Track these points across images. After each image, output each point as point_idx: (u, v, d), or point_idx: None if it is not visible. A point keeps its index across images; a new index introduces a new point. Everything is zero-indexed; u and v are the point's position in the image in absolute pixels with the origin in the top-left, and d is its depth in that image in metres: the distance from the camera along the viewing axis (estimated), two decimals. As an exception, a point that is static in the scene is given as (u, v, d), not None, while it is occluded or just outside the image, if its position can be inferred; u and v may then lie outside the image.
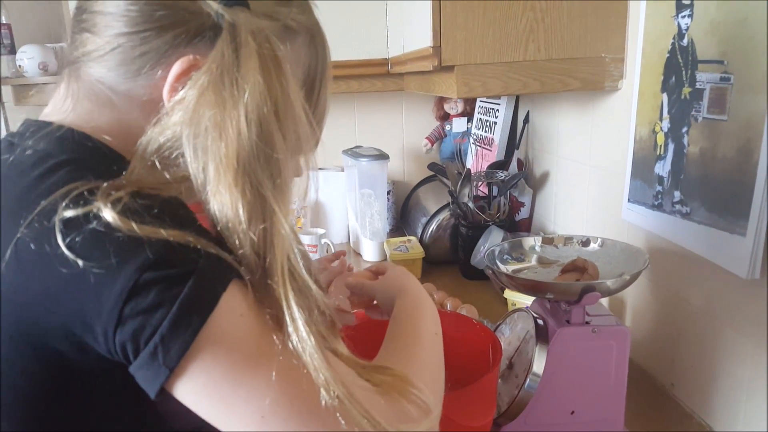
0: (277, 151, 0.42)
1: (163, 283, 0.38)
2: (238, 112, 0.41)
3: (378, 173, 1.63)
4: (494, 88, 1.00)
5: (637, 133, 0.96)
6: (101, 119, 0.47)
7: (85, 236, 0.38)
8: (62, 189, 0.40)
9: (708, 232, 0.78)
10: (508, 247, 0.89)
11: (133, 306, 0.37)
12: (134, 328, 0.38)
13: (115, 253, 0.37)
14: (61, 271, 0.38)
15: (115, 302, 0.37)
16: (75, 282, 0.38)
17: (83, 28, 0.46)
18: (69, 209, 0.39)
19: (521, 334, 0.83)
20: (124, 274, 0.37)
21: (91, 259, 0.37)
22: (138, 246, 0.38)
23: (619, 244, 0.86)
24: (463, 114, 1.80)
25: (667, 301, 0.94)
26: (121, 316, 0.37)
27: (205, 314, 0.38)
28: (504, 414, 0.78)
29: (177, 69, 0.44)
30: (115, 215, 0.38)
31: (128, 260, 0.37)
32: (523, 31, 0.98)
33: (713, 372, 0.83)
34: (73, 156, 0.44)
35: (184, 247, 0.39)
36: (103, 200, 0.39)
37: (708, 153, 0.78)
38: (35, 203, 0.40)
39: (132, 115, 0.46)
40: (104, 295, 0.37)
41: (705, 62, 0.78)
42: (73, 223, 0.38)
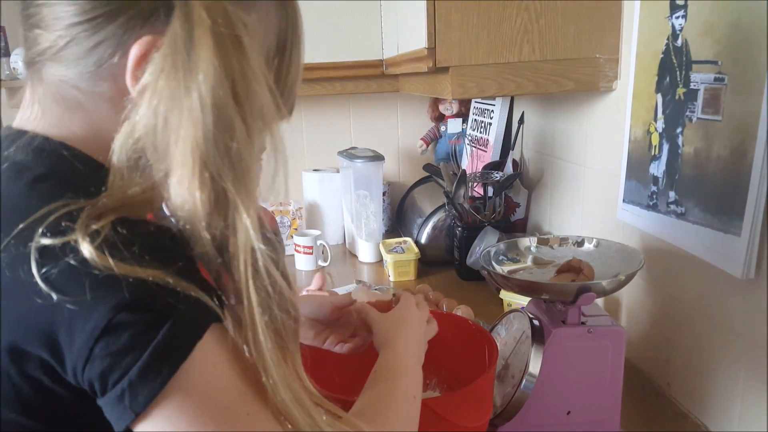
0: (237, 137, 0.39)
1: (137, 326, 0.36)
2: (191, 97, 0.38)
3: (373, 174, 1.62)
4: (489, 89, 1.01)
5: (631, 133, 0.96)
6: (73, 124, 0.44)
7: (61, 269, 0.36)
8: (40, 211, 0.38)
9: (703, 232, 0.78)
10: (503, 247, 0.89)
11: (104, 346, 0.36)
12: (103, 368, 0.36)
13: (90, 289, 0.36)
14: (35, 301, 0.36)
15: (86, 340, 0.36)
16: (48, 313, 0.36)
17: (32, 24, 0.43)
18: (46, 237, 0.37)
19: (517, 334, 0.82)
20: (98, 313, 0.36)
21: (66, 293, 0.36)
22: (115, 284, 0.36)
23: (615, 244, 0.86)
24: (458, 115, 1.80)
25: (662, 301, 0.95)
26: (91, 354, 0.36)
27: (176, 364, 0.37)
28: (500, 414, 0.78)
29: (135, 53, 0.40)
30: (93, 250, 0.36)
31: (103, 298, 0.36)
32: (517, 32, 0.98)
33: (709, 372, 0.83)
34: (50, 169, 0.42)
35: (162, 289, 0.37)
36: (81, 232, 0.37)
37: (702, 153, 0.78)
38: (12, 224, 0.38)
39: (102, 114, 0.43)
40: (76, 331, 0.36)
41: (699, 63, 0.78)
42: (49, 253, 0.37)
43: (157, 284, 0.37)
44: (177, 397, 0.37)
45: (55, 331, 0.37)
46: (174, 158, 0.39)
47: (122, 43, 0.41)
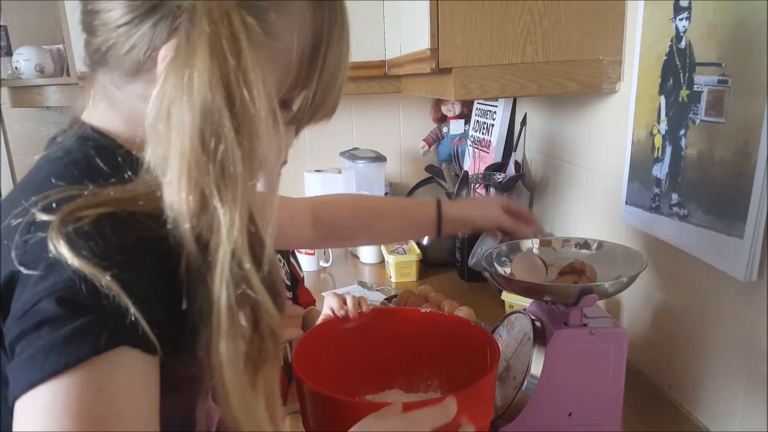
0: (225, 142, 0.39)
1: (52, 315, 0.37)
2: (183, 100, 0.39)
3: (375, 175, 1.63)
4: (492, 90, 1.00)
5: (634, 135, 0.96)
6: (115, 119, 0.47)
7: (30, 242, 0.39)
8: (44, 192, 0.40)
9: (706, 235, 0.78)
10: (505, 249, 0.89)
11: (27, 319, 0.38)
12: (14, 337, 0.38)
13: (42, 267, 0.38)
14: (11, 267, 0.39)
15: (19, 308, 0.38)
16: (16, 280, 0.39)
17: (85, 29, 0.47)
18: (39, 212, 0.39)
19: (519, 336, 0.82)
20: (37, 289, 0.38)
21: (24, 263, 0.38)
22: (59, 270, 0.37)
23: (617, 246, 0.86)
24: (460, 116, 1.80)
25: (664, 303, 0.95)
26: (18, 321, 0.38)
27: (59, 365, 0.36)
28: (502, 416, 0.78)
29: (161, 58, 0.42)
30: (55, 234, 0.38)
31: (44, 279, 0.38)
32: (520, 34, 0.98)
33: (710, 374, 0.83)
34: (85, 157, 0.45)
35: (93, 289, 0.37)
36: (60, 214, 0.38)
37: (705, 155, 0.78)
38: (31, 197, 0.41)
39: (138, 112, 0.45)
40: (20, 298, 0.39)
41: (702, 65, 0.78)
42: (30, 224, 0.39)
43: (92, 283, 0.37)
44: (47, 396, 0.36)
45: (14, 297, 0.39)
46: (169, 158, 0.40)
47: (151, 49, 0.43)
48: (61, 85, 1.62)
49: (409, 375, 0.86)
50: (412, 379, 0.86)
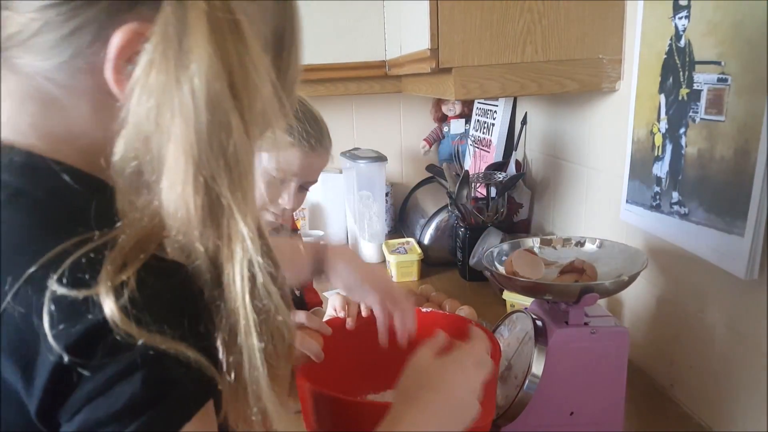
0: (234, 136, 0.35)
1: (134, 398, 0.33)
2: (183, 90, 0.34)
3: (376, 175, 1.63)
4: (492, 89, 1.01)
5: (634, 134, 0.96)
6: (50, 124, 0.38)
7: (78, 329, 0.32)
8: (54, 251, 0.33)
9: (706, 233, 0.78)
10: (506, 248, 0.89)
11: (94, 408, 0.33)
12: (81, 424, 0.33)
13: (103, 353, 0.32)
14: (47, 357, 0.32)
15: (79, 399, 0.33)
16: (53, 371, 0.32)
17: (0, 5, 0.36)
18: (63, 286, 0.32)
19: (520, 335, 0.82)
20: (103, 375, 0.32)
21: (78, 355, 0.32)
22: (129, 350, 0.32)
23: (618, 245, 0.86)
24: (461, 115, 1.80)
25: (665, 301, 0.95)
26: (77, 411, 0.33)
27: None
28: (503, 415, 0.78)
29: (116, 42, 0.35)
30: (117, 312, 0.32)
31: (113, 364, 0.32)
32: (520, 33, 0.99)
33: (712, 372, 0.83)
34: (48, 194, 0.36)
35: (174, 361, 0.33)
36: (106, 286, 0.32)
37: (706, 154, 0.78)
38: (19, 263, 0.33)
39: (82, 114, 0.38)
40: (75, 394, 0.33)
41: (702, 63, 0.78)
42: (66, 306, 0.32)
43: (173, 356, 0.33)
44: None
45: (54, 390, 0.33)
46: (166, 161, 0.34)
47: (104, 31, 0.35)
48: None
49: (411, 374, 0.86)
50: (413, 379, 0.86)
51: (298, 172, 0.91)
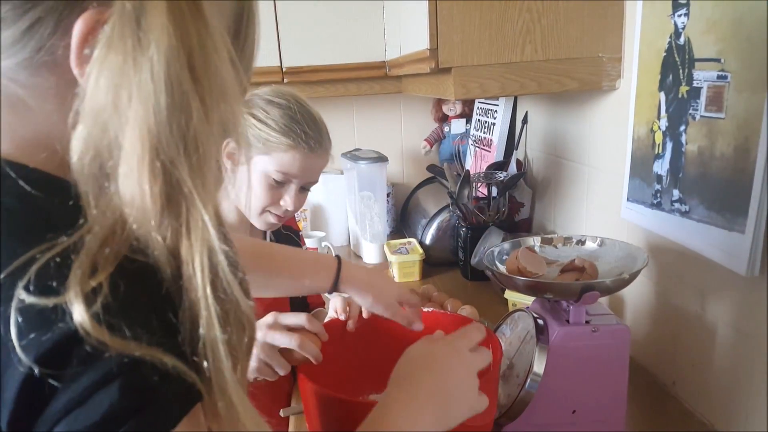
0: (194, 119, 0.33)
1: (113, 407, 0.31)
2: (142, 71, 0.32)
3: (377, 176, 1.63)
4: (492, 89, 1.01)
5: (635, 132, 0.96)
6: (19, 128, 0.36)
7: (48, 339, 0.31)
8: (21, 258, 0.31)
9: (707, 230, 0.78)
10: (507, 247, 0.89)
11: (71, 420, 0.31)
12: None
13: (77, 362, 0.31)
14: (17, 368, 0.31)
15: (55, 412, 0.31)
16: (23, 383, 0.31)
17: None
18: (30, 294, 0.31)
19: (522, 334, 0.83)
20: (78, 386, 0.31)
21: (49, 366, 0.31)
22: (103, 359, 0.31)
23: (618, 243, 0.86)
24: (461, 115, 1.81)
25: (666, 299, 0.95)
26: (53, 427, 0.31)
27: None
28: (505, 414, 0.78)
29: (79, 30, 0.33)
30: (89, 320, 0.30)
31: (86, 373, 0.31)
32: (519, 32, 0.99)
33: (714, 370, 0.83)
34: (16, 200, 0.35)
35: (151, 368, 0.32)
36: (74, 291, 0.31)
37: (706, 151, 0.78)
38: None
39: (49, 113, 0.36)
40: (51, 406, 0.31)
41: (702, 60, 0.78)
42: (34, 316, 0.31)
43: (149, 363, 0.32)
44: None
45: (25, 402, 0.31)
46: (123, 146, 0.33)
47: (64, 20, 0.34)
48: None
49: (413, 374, 0.86)
50: (415, 379, 0.86)
51: (299, 174, 0.91)
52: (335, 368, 0.80)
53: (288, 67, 1.54)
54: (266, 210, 0.93)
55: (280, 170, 0.89)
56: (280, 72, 1.54)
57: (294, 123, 0.88)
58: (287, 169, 0.89)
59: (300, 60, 1.54)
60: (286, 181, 0.91)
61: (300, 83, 1.54)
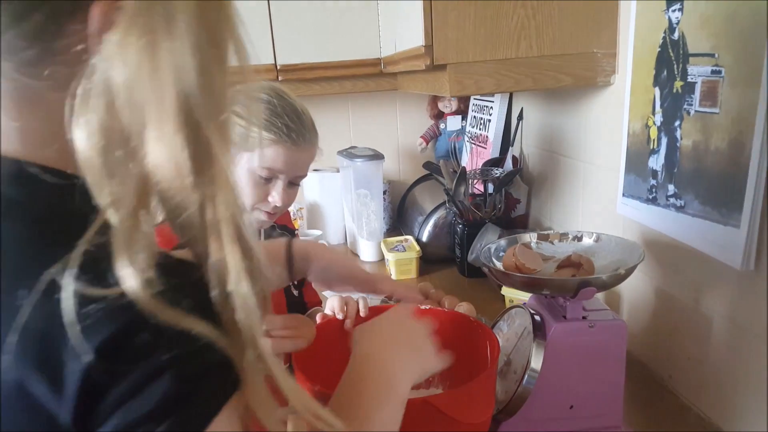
0: (217, 81, 0.35)
1: (166, 393, 0.33)
2: (174, 38, 0.34)
3: (373, 173, 1.63)
4: (487, 85, 1.01)
5: (630, 127, 0.96)
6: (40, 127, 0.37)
7: (105, 330, 0.32)
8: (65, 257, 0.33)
9: (702, 225, 0.78)
10: (503, 243, 0.89)
11: (125, 411, 0.33)
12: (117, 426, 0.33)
13: (131, 356, 0.33)
14: (76, 362, 0.32)
15: (111, 404, 0.33)
16: (84, 375, 0.32)
17: None
18: (82, 285, 0.32)
19: (519, 330, 0.83)
20: (130, 379, 0.33)
21: (105, 357, 0.32)
22: (154, 354, 0.33)
23: (614, 238, 0.86)
24: (457, 112, 1.80)
25: (663, 294, 0.95)
26: (111, 414, 0.33)
27: None
28: (503, 410, 0.78)
29: (97, 18, 0.34)
30: (140, 290, 0.32)
31: (140, 366, 0.33)
32: (514, 29, 0.99)
33: (710, 363, 0.83)
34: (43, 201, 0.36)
35: (197, 360, 0.34)
36: (125, 273, 0.32)
37: (701, 146, 0.78)
38: (33, 277, 0.33)
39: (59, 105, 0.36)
40: (106, 399, 0.33)
41: (696, 55, 0.78)
42: (89, 307, 0.32)
43: (196, 355, 0.34)
44: None
45: (76, 390, 0.33)
46: (151, 112, 0.34)
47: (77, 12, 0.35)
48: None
49: (411, 371, 0.86)
50: (413, 376, 0.86)
51: (284, 169, 0.89)
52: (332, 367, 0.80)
53: (282, 65, 1.54)
54: (255, 208, 0.92)
55: (265, 166, 0.88)
56: (274, 70, 1.54)
57: (275, 117, 0.86)
58: (271, 164, 0.88)
59: (294, 57, 1.54)
60: (272, 177, 0.90)
61: (295, 81, 1.54)
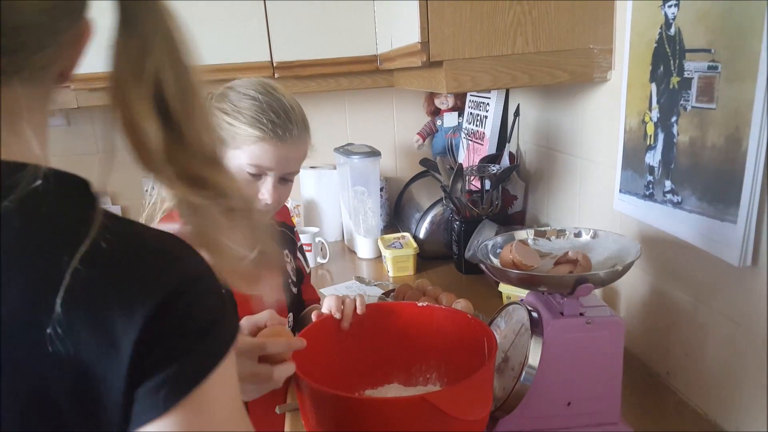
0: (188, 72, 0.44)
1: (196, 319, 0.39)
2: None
3: (370, 170, 1.62)
4: (483, 82, 1.00)
5: (626, 123, 0.96)
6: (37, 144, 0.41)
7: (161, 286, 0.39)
8: None
9: (699, 221, 0.78)
10: (500, 240, 0.89)
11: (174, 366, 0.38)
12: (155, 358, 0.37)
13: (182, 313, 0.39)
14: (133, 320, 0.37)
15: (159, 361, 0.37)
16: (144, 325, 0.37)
17: None
18: None
19: (516, 327, 0.83)
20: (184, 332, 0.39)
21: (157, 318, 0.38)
22: (213, 305, 0.40)
23: (611, 235, 0.86)
24: (454, 108, 1.80)
25: (660, 290, 0.95)
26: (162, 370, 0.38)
27: (209, 371, 0.39)
28: (501, 407, 0.78)
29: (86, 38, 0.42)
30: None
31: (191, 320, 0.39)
32: (510, 25, 0.98)
33: (708, 359, 0.84)
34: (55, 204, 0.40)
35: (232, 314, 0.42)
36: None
37: (697, 142, 0.78)
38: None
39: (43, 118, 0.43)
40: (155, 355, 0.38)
41: (692, 51, 0.78)
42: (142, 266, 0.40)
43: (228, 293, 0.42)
44: (195, 402, 0.38)
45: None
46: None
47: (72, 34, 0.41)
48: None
49: (408, 369, 0.86)
50: (411, 373, 0.86)
51: (272, 165, 0.87)
52: (330, 365, 0.80)
53: (278, 62, 1.53)
54: None
55: (252, 163, 0.86)
56: (270, 67, 1.53)
57: (261, 113, 0.85)
58: (258, 161, 0.86)
59: (290, 55, 1.53)
60: (261, 174, 0.88)
61: (291, 78, 1.53)
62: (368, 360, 0.85)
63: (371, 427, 0.64)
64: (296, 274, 1.08)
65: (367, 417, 0.65)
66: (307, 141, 0.92)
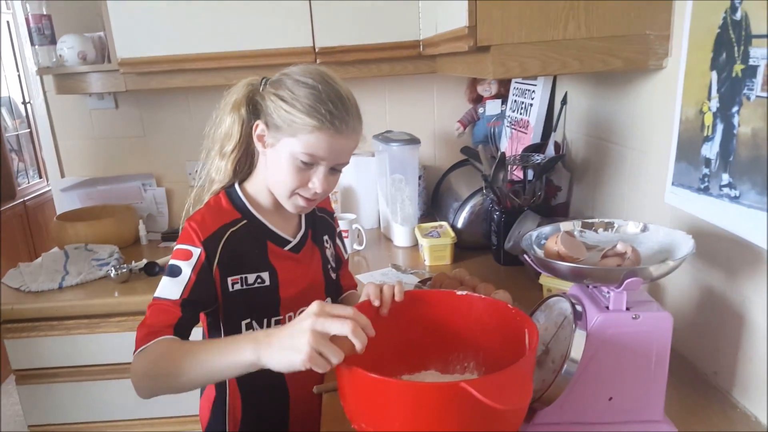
0: None
1: None
2: None
3: (409, 158, 1.61)
4: (532, 68, 0.98)
5: (683, 113, 0.92)
6: None
7: None
8: None
9: (758, 217, 0.74)
10: (547, 231, 0.87)
11: None
12: None
13: None
14: None
15: None
16: None
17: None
18: None
19: (558, 320, 0.81)
20: None
21: None
22: None
23: (662, 229, 0.83)
24: (496, 96, 1.77)
25: (711, 288, 0.91)
26: None
27: None
28: (539, 399, 0.77)
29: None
30: None
31: None
32: (562, 8, 0.95)
33: (758, 361, 0.80)
34: None
35: None
36: None
37: (760, 133, 0.74)
38: None
39: None
40: None
41: (759, 37, 0.74)
42: None
43: None
44: None
45: None
46: None
47: None
48: (102, 71, 1.66)
49: (446, 357, 0.86)
50: (448, 361, 0.86)
51: (326, 155, 0.87)
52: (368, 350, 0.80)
53: (321, 48, 1.53)
54: (295, 192, 0.91)
55: (307, 152, 0.86)
56: (312, 52, 1.53)
57: (319, 103, 0.85)
58: (313, 150, 0.87)
59: (333, 40, 1.53)
60: (313, 163, 0.88)
61: (333, 63, 1.53)
62: (406, 346, 0.85)
63: (408, 411, 0.64)
64: (335, 259, 1.09)
65: (405, 401, 0.65)
66: (360, 132, 0.91)
